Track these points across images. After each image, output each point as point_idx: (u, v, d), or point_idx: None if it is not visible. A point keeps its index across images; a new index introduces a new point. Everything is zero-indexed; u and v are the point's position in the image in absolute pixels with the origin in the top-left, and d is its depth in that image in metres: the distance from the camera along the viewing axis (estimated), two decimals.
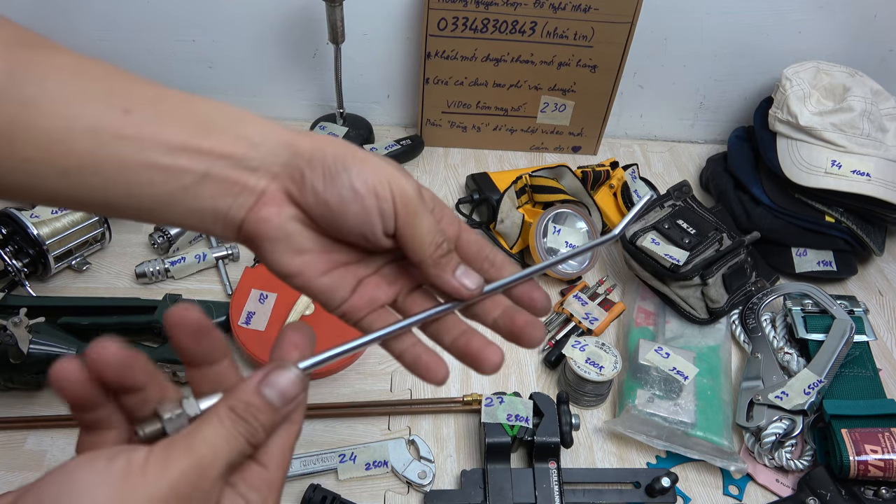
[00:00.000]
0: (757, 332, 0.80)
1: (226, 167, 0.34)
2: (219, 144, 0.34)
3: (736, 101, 1.12)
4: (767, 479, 0.70)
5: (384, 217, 0.35)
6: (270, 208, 0.35)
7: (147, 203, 0.34)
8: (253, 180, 0.35)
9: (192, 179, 0.34)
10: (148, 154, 0.33)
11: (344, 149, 0.36)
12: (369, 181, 0.35)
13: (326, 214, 0.35)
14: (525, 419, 0.67)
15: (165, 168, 0.33)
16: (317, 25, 0.98)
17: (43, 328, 0.68)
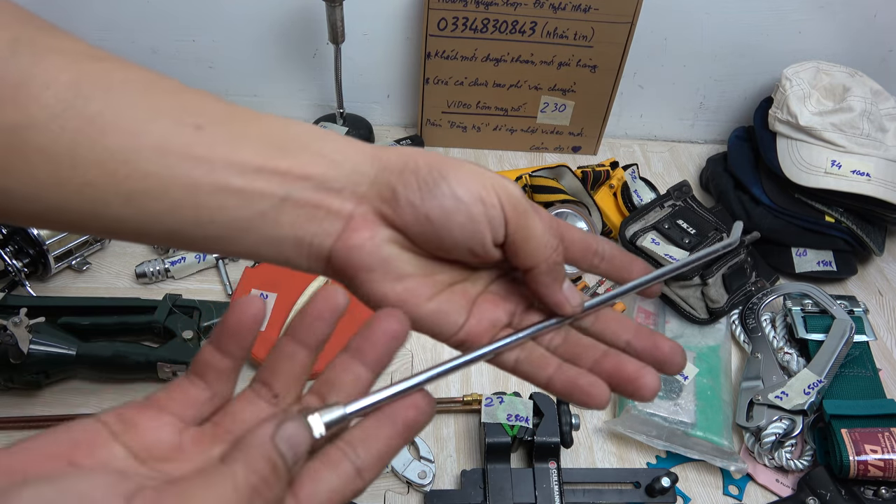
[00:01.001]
0: (757, 332, 0.81)
1: (307, 189, 0.31)
2: (297, 165, 0.31)
3: (736, 101, 1.12)
4: (767, 479, 0.70)
5: (493, 225, 0.32)
6: (362, 233, 0.32)
7: (218, 231, 0.31)
8: (338, 203, 0.32)
9: (270, 204, 0.31)
10: (220, 176, 0.30)
11: (435, 157, 0.33)
12: (472, 187, 0.32)
13: (428, 231, 0.32)
14: (525, 419, 0.67)
15: (240, 191, 0.30)
16: (317, 25, 0.98)
17: (43, 328, 0.68)
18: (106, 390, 0.71)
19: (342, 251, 0.32)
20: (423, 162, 0.32)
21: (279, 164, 0.31)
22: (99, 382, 0.72)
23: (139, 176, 0.29)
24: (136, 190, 0.29)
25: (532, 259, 0.33)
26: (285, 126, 0.32)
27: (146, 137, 0.29)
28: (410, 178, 0.32)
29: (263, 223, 0.31)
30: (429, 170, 0.32)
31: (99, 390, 0.71)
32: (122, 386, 0.72)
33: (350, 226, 0.32)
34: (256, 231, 0.31)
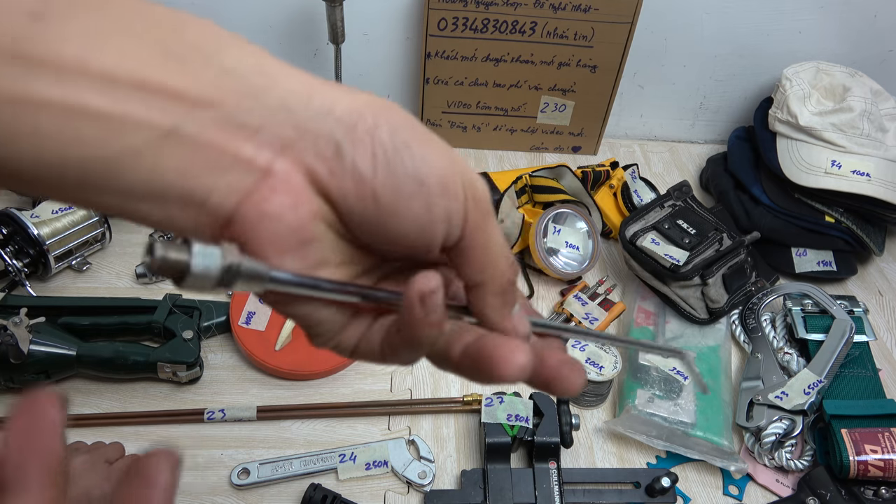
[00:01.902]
0: (757, 332, 0.81)
1: (206, 122, 0.22)
2: (195, 83, 0.21)
3: (736, 101, 1.12)
4: (767, 479, 0.70)
5: (451, 222, 0.25)
6: (282, 198, 0.23)
7: (74, 174, 0.21)
8: (250, 148, 0.23)
9: (148, 138, 0.21)
10: (72, 90, 0.20)
11: (402, 117, 0.24)
12: (440, 171, 0.24)
13: (369, 213, 0.24)
14: (525, 419, 0.67)
15: (102, 116, 0.20)
16: (317, 25, 0.98)
17: (43, 328, 0.68)
18: (106, 390, 0.71)
19: (249, 218, 0.23)
20: (386, 121, 0.24)
21: (167, 79, 0.21)
22: (99, 382, 0.72)
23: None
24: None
25: (485, 271, 0.26)
26: (181, 22, 0.22)
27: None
28: (364, 138, 0.23)
29: (137, 166, 0.21)
30: (390, 134, 0.24)
31: (99, 390, 0.71)
32: (122, 386, 0.72)
33: (266, 183, 0.23)
34: (125, 177, 0.21)
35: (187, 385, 0.72)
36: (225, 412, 0.69)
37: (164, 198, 0.22)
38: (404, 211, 0.24)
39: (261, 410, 0.70)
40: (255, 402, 0.71)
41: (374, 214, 0.24)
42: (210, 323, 0.75)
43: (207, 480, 0.65)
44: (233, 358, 0.76)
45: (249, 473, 0.65)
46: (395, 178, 0.23)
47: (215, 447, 0.68)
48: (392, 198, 0.24)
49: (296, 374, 0.74)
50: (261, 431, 0.70)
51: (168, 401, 0.71)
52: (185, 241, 0.22)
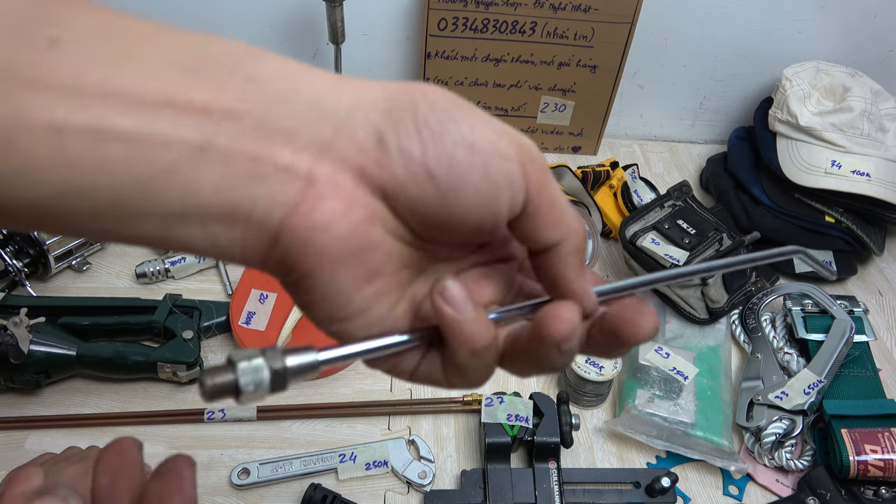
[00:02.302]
0: (757, 332, 0.81)
1: (238, 133, 0.20)
2: (222, 95, 0.20)
3: (736, 101, 1.12)
4: (767, 479, 0.70)
5: (513, 186, 0.23)
6: (331, 204, 0.21)
7: (102, 202, 0.19)
8: (288, 154, 0.21)
9: (181, 156, 0.20)
10: (96, 114, 0.19)
11: (439, 92, 0.23)
12: (488, 134, 0.22)
13: (428, 195, 0.22)
14: (525, 419, 0.67)
15: (129, 137, 0.19)
16: (317, 25, 0.98)
17: (43, 328, 0.68)
18: (106, 390, 0.71)
19: (299, 231, 0.21)
20: (422, 96, 0.22)
21: (192, 94, 0.20)
22: (99, 382, 0.72)
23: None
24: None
25: (560, 228, 0.24)
26: (203, 42, 0.21)
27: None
28: (405, 118, 0.22)
29: (172, 187, 0.20)
30: (431, 108, 0.22)
31: (99, 390, 0.71)
32: (122, 386, 0.72)
33: (312, 191, 0.21)
34: (162, 200, 0.20)
35: (187, 385, 0.72)
36: (225, 412, 0.69)
37: (204, 217, 0.21)
38: (464, 183, 0.22)
39: (261, 410, 0.70)
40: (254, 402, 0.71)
41: (435, 195, 0.22)
42: (210, 323, 0.75)
43: (207, 480, 0.65)
44: None
45: (249, 473, 0.65)
46: (446, 150, 0.22)
47: (215, 447, 0.68)
48: (448, 172, 0.22)
49: None
50: (261, 431, 0.70)
51: (168, 401, 0.71)
52: (229, 361, 0.21)
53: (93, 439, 0.67)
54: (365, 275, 0.23)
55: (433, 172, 0.22)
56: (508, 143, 0.23)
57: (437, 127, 0.22)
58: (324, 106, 0.22)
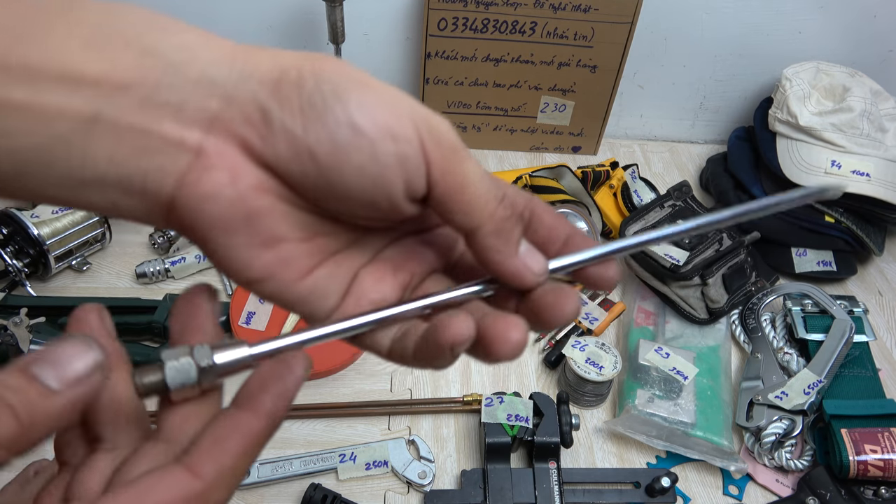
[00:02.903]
0: (757, 332, 0.81)
1: (127, 105, 0.21)
2: (114, 67, 0.21)
3: (736, 101, 1.12)
4: (767, 479, 0.70)
5: (408, 169, 0.23)
6: (218, 175, 0.22)
7: (7, 165, 0.21)
8: (176, 127, 0.22)
9: (72, 127, 0.21)
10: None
11: (331, 66, 0.23)
12: (379, 115, 0.22)
13: (311, 173, 0.23)
14: (525, 419, 0.67)
15: (23, 108, 0.20)
16: (317, 25, 0.98)
17: (43, 328, 0.68)
18: None
19: (190, 200, 0.22)
20: (311, 71, 0.22)
21: (84, 66, 0.21)
22: None
23: None
24: None
25: (472, 215, 0.24)
26: (109, 13, 0.22)
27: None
28: (290, 94, 0.22)
29: (67, 155, 0.21)
30: (317, 84, 0.22)
31: None
32: None
33: (200, 162, 0.22)
34: (59, 166, 0.21)
35: None
36: None
37: (102, 185, 0.22)
38: (346, 164, 0.22)
39: None
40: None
41: (316, 174, 0.23)
42: None
43: None
44: None
45: (249, 473, 0.65)
46: (328, 130, 0.22)
47: None
48: (330, 152, 0.22)
49: None
50: None
51: None
52: (159, 360, 0.22)
53: None
54: (261, 240, 0.24)
55: (313, 151, 0.22)
56: (407, 123, 0.23)
57: (321, 105, 0.22)
58: (213, 78, 0.22)
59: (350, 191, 0.23)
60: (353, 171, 0.22)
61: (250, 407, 0.22)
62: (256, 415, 0.22)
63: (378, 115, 0.22)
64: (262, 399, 0.22)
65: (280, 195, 0.24)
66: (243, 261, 0.24)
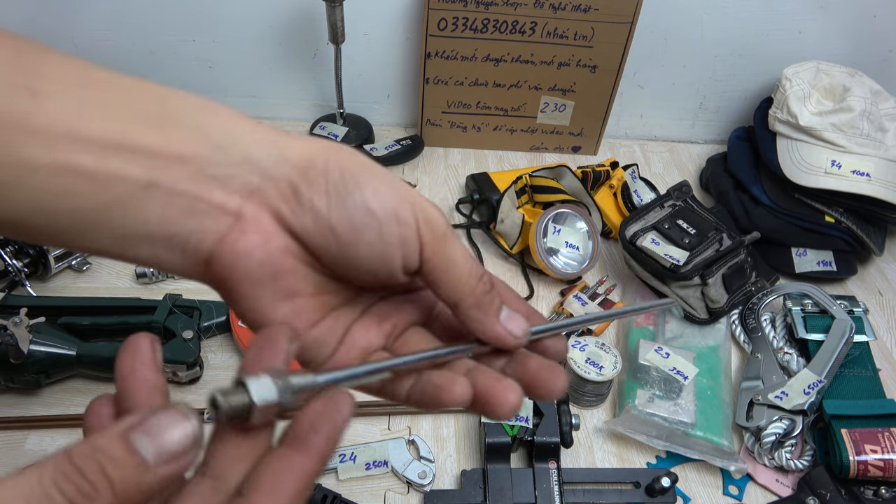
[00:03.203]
0: (757, 332, 0.81)
1: (180, 175, 0.25)
2: (168, 142, 0.25)
3: (736, 101, 1.12)
4: (767, 479, 0.70)
5: (406, 249, 0.27)
6: (252, 237, 0.26)
7: (66, 222, 0.24)
8: (221, 195, 0.26)
9: (130, 191, 0.25)
10: (63, 153, 0.23)
11: (351, 158, 0.27)
12: (388, 201, 0.27)
13: (330, 245, 0.27)
14: (525, 419, 0.67)
15: (89, 174, 0.24)
16: (317, 25, 0.98)
17: (43, 328, 0.68)
18: (106, 390, 0.71)
19: (226, 257, 0.26)
20: (335, 162, 0.27)
21: (143, 140, 0.25)
22: (99, 382, 0.72)
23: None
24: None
25: (455, 291, 0.28)
26: (159, 96, 0.26)
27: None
28: (318, 180, 0.26)
29: (123, 214, 0.25)
30: (340, 173, 0.27)
31: (99, 390, 0.71)
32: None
33: (238, 225, 0.26)
34: (114, 224, 0.25)
35: (187, 385, 0.72)
36: None
37: (150, 241, 0.26)
38: (360, 240, 0.27)
39: None
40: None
41: (335, 245, 0.27)
42: (210, 323, 0.75)
43: None
44: (233, 358, 0.76)
45: None
46: (347, 211, 0.26)
47: None
48: (348, 229, 0.27)
49: None
50: None
51: None
52: (238, 382, 0.23)
53: None
54: (282, 294, 0.28)
55: (334, 227, 0.27)
56: (408, 209, 0.27)
57: (343, 191, 0.26)
58: (255, 158, 0.26)
59: (360, 262, 0.27)
60: (364, 246, 0.27)
61: (303, 447, 0.23)
62: (309, 455, 0.23)
63: (388, 201, 0.27)
64: (315, 439, 0.23)
65: (301, 258, 0.28)
66: (265, 311, 0.28)
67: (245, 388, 0.23)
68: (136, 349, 0.24)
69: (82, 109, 0.24)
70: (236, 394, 0.23)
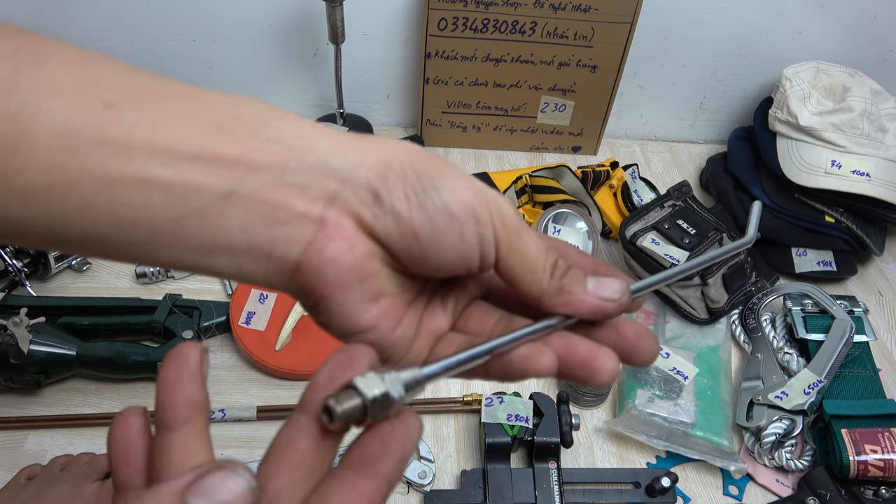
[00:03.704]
0: (757, 332, 0.81)
1: (261, 184, 0.25)
2: (246, 151, 0.25)
3: (736, 101, 1.12)
4: (767, 479, 0.70)
5: (484, 246, 0.27)
6: (339, 243, 0.26)
7: (145, 235, 0.24)
8: (303, 203, 0.26)
9: (210, 201, 0.24)
10: (141, 165, 0.23)
11: (424, 159, 0.27)
12: (467, 201, 0.27)
13: (412, 247, 0.27)
14: (525, 419, 0.67)
15: (167, 185, 0.24)
16: (317, 25, 0.98)
17: (43, 328, 0.68)
18: (106, 390, 0.71)
19: (314, 264, 0.26)
20: (410, 165, 0.27)
21: (221, 150, 0.24)
22: (99, 382, 0.72)
23: (37, 168, 0.22)
24: (35, 185, 0.22)
25: (532, 284, 0.29)
26: (230, 104, 0.26)
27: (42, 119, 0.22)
28: (395, 183, 0.26)
29: (203, 225, 0.25)
30: (417, 176, 0.27)
31: (99, 390, 0.71)
32: (122, 386, 0.72)
33: (323, 232, 0.26)
34: (194, 235, 0.25)
35: None
36: (225, 412, 0.69)
37: (231, 252, 0.26)
38: (441, 242, 0.27)
39: (261, 410, 0.70)
40: (255, 402, 0.71)
41: (417, 248, 0.27)
42: (210, 323, 0.75)
43: None
44: (233, 358, 0.76)
45: None
46: (428, 214, 0.26)
47: (216, 447, 0.67)
48: (429, 231, 0.26)
49: (296, 374, 0.74)
50: (261, 431, 0.69)
51: None
52: (347, 386, 0.23)
53: (93, 439, 0.67)
54: (370, 297, 0.27)
55: (416, 230, 0.26)
56: (484, 207, 0.27)
57: (421, 193, 0.26)
58: (331, 164, 0.26)
59: (441, 262, 0.27)
60: (446, 248, 0.27)
61: (371, 473, 0.22)
62: (377, 480, 0.22)
63: (466, 200, 0.27)
64: (384, 464, 0.23)
65: (384, 260, 0.28)
66: (355, 314, 0.27)
67: (356, 390, 0.22)
68: (183, 359, 0.23)
69: (156, 121, 0.24)
70: (348, 397, 0.22)
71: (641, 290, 0.30)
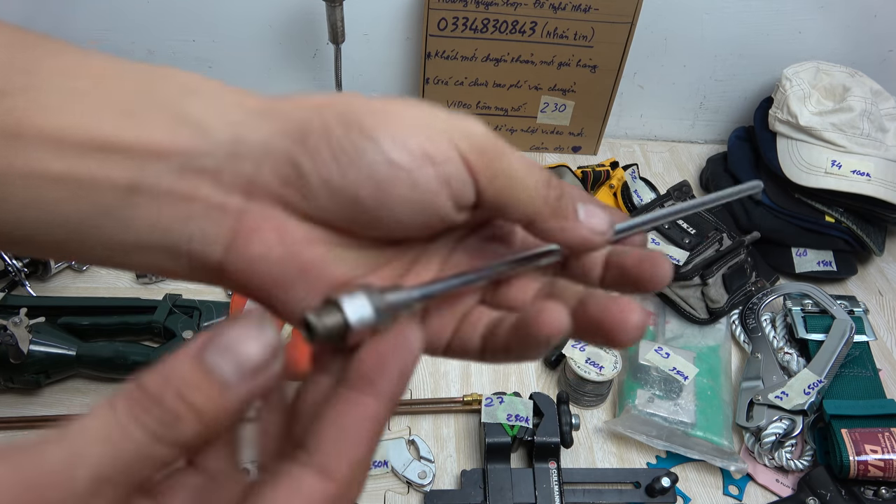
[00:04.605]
0: (757, 332, 0.80)
1: (165, 172, 0.21)
2: (147, 134, 0.21)
3: (736, 101, 1.12)
4: (767, 479, 0.70)
5: (454, 186, 0.23)
6: (264, 236, 0.23)
7: (52, 234, 0.21)
8: (217, 193, 0.22)
9: (111, 195, 0.21)
10: (32, 157, 0.20)
11: (350, 103, 0.23)
12: (412, 142, 0.22)
13: (357, 215, 0.23)
14: (525, 419, 0.67)
15: (61, 179, 0.21)
16: (317, 25, 0.98)
17: (43, 328, 0.68)
18: (106, 390, 0.71)
19: (240, 264, 0.23)
20: (335, 116, 0.22)
21: (118, 135, 0.21)
22: (99, 382, 0.72)
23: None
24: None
25: (528, 208, 0.24)
26: (144, 80, 0.22)
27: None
28: (320, 145, 0.22)
29: (110, 223, 0.21)
30: (345, 128, 0.22)
31: (99, 390, 0.71)
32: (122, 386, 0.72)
33: (245, 225, 0.22)
34: (102, 234, 0.22)
35: None
36: None
37: (146, 250, 0.22)
38: (392, 200, 0.22)
39: None
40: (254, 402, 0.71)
41: (364, 214, 0.23)
42: (210, 323, 0.75)
43: None
44: None
45: (250, 473, 0.65)
46: (366, 172, 0.22)
47: None
48: (373, 192, 0.22)
49: (296, 374, 0.73)
50: None
51: None
52: (329, 301, 0.21)
53: None
54: (323, 286, 0.23)
55: (357, 196, 0.22)
56: (443, 141, 0.22)
57: (352, 150, 0.22)
58: (244, 138, 0.22)
59: (400, 220, 0.23)
60: (399, 203, 0.22)
61: (370, 389, 0.20)
62: (378, 397, 0.20)
63: (412, 142, 0.22)
64: (384, 379, 0.20)
65: (331, 242, 0.24)
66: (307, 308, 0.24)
67: (339, 308, 0.21)
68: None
69: (53, 103, 0.21)
70: (330, 313, 0.21)
71: (627, 230, 0.27)
